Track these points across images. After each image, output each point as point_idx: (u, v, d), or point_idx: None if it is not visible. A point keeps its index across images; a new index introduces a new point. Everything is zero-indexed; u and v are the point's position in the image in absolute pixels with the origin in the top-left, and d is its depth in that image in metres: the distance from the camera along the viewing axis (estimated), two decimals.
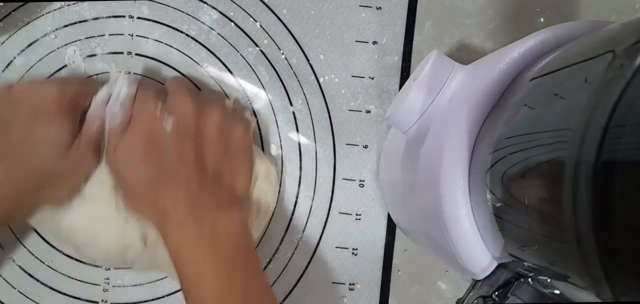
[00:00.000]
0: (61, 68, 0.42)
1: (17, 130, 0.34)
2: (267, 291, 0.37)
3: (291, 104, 0.43)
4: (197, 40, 0.42)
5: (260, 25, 0.42)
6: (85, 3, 0.42)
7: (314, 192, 0.43)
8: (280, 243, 0.43)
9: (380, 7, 0.43)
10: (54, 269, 0.42)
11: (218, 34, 0.42)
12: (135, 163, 0.34)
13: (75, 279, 0.42)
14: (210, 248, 0.34)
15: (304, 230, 0.43)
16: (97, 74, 0.42)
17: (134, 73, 0.42)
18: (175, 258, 0.34)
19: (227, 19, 0.42)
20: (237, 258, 0.35)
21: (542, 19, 0.43)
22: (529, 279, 0.25)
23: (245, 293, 0.34)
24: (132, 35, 0.42)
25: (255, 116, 0.42)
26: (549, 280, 0.23)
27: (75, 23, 0.42)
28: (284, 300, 0.43)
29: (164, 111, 0.35)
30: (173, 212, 0.34)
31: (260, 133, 0.43)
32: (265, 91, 0.43)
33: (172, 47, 0.42)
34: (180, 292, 0.43)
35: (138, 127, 0.35)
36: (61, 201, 0.36)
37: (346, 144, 0.43)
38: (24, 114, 0.34)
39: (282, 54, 0.43)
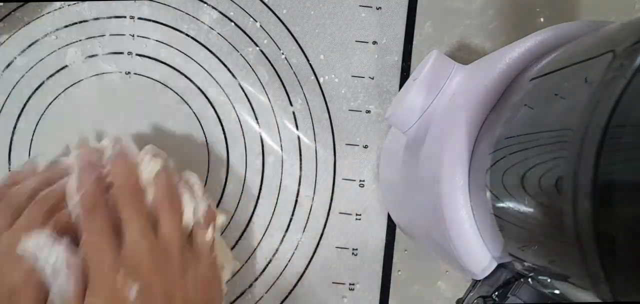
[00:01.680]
0: (62, 68, 0.42)
1: None
2: None
3: (291, 104, 0.43)
4: (197, 40, 0.42)
5: (260, 25, 0.42)
6: (86, 3, 0.42)
7: (314, 192, 0.43)
8: (280, 243, 0.43)
9: (380, 7, 0.43)
10: None
11: (218, 33, 0.42)
12: None
13: None
14: None
15: (304, 230, 0.43)
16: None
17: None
18: None
19: (227, 19, 0.42)
20: None
21: (542, 19, 0.43)
22: (529, 279, 0.25)
23: None
24: (133, 36, 0.42)
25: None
26: (549, 280, 0.23)
27: (76, 23, 0.42)
28: (284, 300, 0.43)
29: (125, 278, 0.30)
30: None
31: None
32: (265, 91, 0.43)
33: (172, 47, 0.42)
34: None
35: (98, 294, 0.30)
36: None
37: (346, 144, 0.43)
38: None
39: (282, 54, 0.43)
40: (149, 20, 0.42)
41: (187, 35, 0.42)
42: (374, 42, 0.43)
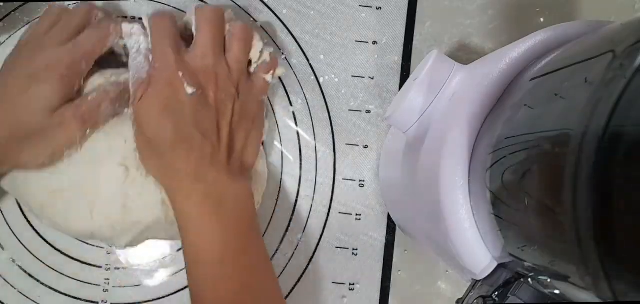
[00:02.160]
0: None
1: (15, 82, 0.35)
2: (264, 259, 0.38)
3: (291, 104, 0.43)
4: None
5: (260, 25, 0.42)
6: (86, 3, 0.42)
7: (314, 192, 0.43)
8: (280, 243, 0.43)
9: (380, 7, 0.43)
10: (54, 269, 0.42)
11: None
12: (153, 121, 0.35)
13: (75, 279, 0.42)
14: (216, 216, 0.35)
15: (304, 230, 0.43)
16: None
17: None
18: (180, 220, 0.35)
19: None
20: (240, 226, 0.36)
21: (542, 19, 0.43)
22: (529, 279, 0.25)
23: (245, 258, 0.36)
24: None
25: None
26: (549, 280, 0.23)
27: None
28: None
29: (185, 77, 0.35)
30: (184, 175, 0.35)
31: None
32: None
33: None
34: (181, 292, 0.43)
35: (159, 85, 0.35)
36: (38, 163, 0.36)
37: (346, 144, 0.43)
38: (24, 72, 0.35)
39: (282, 54, 0.43)
40: None
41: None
42: (374, 42, 0.43)
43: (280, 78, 0.42)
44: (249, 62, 0.39)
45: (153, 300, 0.43)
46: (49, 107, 0.34)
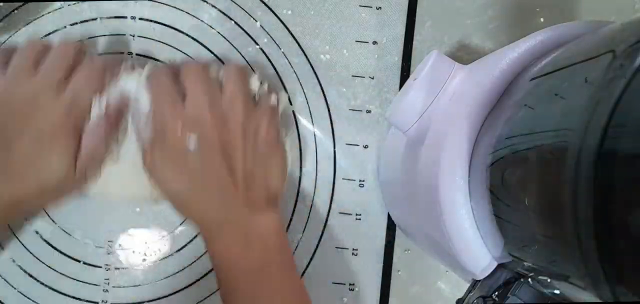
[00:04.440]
0: None
1: (19, 149, 0.33)
2: (299, 290, 0.38)
3: (291, 104, 0.43)
4: (197, 40, 0.42)
5: (260, 25, 0.42)
6: (86, 3, 0.42)
7: (314, 192, 0.43)
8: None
9: (380, 7, 0.43)
10: (54, 269, 0.42)
11: (218, 32, 0.42)
12: (168, 178, 0.35)
13: (75, 279, 0.42)
14: (244, 252, 0.35)
15: (304, 230, 0.43)
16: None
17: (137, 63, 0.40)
18: (213, 262, 0.37)
19: (227, 18, 0.42)
20: (271, 259, 0.36)
21: (542, 19, 0.43)
22: (529, 279, 0.25)
23: (279, 293, 0.36)
24: (134, 36, 0.42)
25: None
26: (549, 280, 0.23)
27: (76, 23, 0.42)
28: None
29: (185, 130, 0.34)
30: (209, 220, 0.36)
31: None
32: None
33: (172, 47, 0.42)
34: (181, 292, 0.43)
35: (164, 143, 0.35)
36: (64, 199, 0.37)
37: (346, 144, 0.43)
38: (27, 135, 0.33)
39: (282, 53, 0.43)
40: (149, 20, 0.42)
41: (187, 35, 0.42)
42: (374, 42, 0.43)
43: (280, 78, 0.43)
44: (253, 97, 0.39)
45: (153, 300, 0.43)
46: (62, 169, 0.34)
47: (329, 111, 0.43)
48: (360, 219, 0.43)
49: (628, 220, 0.17)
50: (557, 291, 0.23)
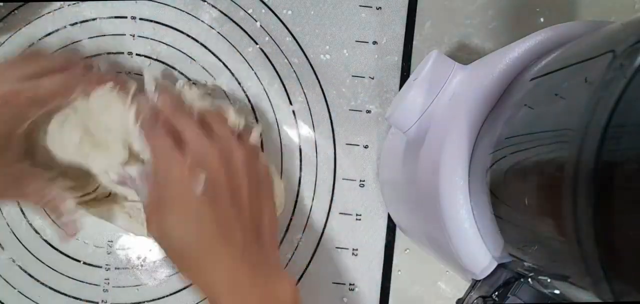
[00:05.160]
0: None
1: None
2: None
3: (291, 104, 0.43)
4: (197, 40, 0.42)
5: (260, 25, 0.42)
6: (86, 3, 0.42)
7: (314, 193, 0.43)
8: (280, 243, 0.43)
9: (380, 7, 0.43)
10: (54, 269, 0.42)
11: (218, 32, 0.42)
12: (177, 232, 0.33)
13: (75, 279, 0.42)
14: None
15: (304, 230, 0.43)
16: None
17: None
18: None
19: (227, 18, 0.42)
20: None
21: (542, 19, 0.43)
22: (529, 279, 0.25)
23: None
24: (133, 36, 0.42)
25: (256, 117, 0.42)
26: (549, 280, 0.23)
27: (76, 23, 0.42)
28: None
29: (192, 171, 0.33)
30: (219, 281, 0.33)
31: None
32: (265, 91, 0.43)
33: (172, 47, 0.42)
34: (180, 293, 0.43)
35: (168, 195, 0.33)
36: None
37: (346, 144, 0.43)
38: None
39: (282, 53, 0.43)
40: (149, 20, 0.42)
41: (187, 35, 0.42)
42: (374, 42, 0.43)
43: (280, 78, 0.43)
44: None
45: (153, 300, 0.43)
46: None
47: (329, 111, 0.43)
48: (360, 219, 0.43)
49: (628, 220, 0.17)
50: (557, 291, 0.23)
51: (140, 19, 0.42)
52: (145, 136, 0.35)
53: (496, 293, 0.26)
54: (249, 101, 0.43)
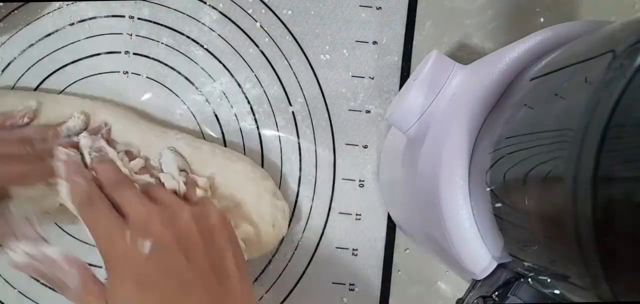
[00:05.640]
0: (61, 68, 0.42)
1: None
2: None
3: (291, 104, 0.43)
4: (196, 41, 0.42)
5: (260, 26, 0.42)
6: (85, 3, 0.42)
7: (314, 193, 0.43)
8: (280, 243, 0.43)
9: (380, 7, 0.43)
10: None
11: (218, 34, 0.42)
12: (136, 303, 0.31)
13: None
14: None
15: (304, 230, 0.43)
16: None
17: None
18: None
19: (227, 19, 0.42)
20: None
21: (542, 19, 0.43)
22: (529, 279, 0.25)
23: None
24: (131, 35, 0.42)
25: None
26: (549, 280, 0.23)
27: (75, 23, 0.42)
28: (284, 300, 0.43)
29: (135, 242, 0.32)
30: None
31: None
32: (265, 91, 0.43)
33: (172, 47, 0.42)
34: None
35: (115, 272, 0.32)
36: None
37: (346, 144, 0.43)
38: None
39: (282, 54, 0.43)
40: (149, 20, 0.42)
41: (187, 36, 0.42)
42: (374, 42, 0.43)
43: (279, 78, 0.43)
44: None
45: None
46: None
47: (328, 111, 0.43)
48: (360, 219, 0.43)
49: (628, 220, 0.17)
50: (557, 291, 0.23)
51: (139, 18, 0.42)
52: (81, 216, 0.34)
53: (496, 293, 0.26)
54: (248, 102, 0.43)
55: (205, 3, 0.42)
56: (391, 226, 0.43)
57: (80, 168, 0.36)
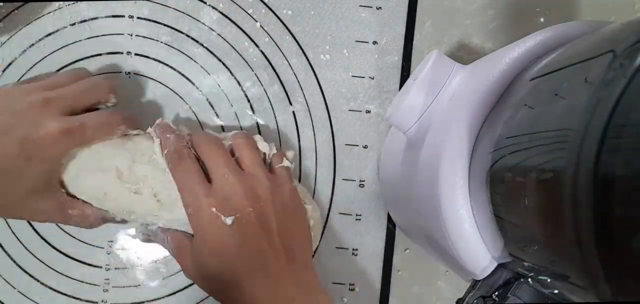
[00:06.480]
0: (61, 68, 0.42)
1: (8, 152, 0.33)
2: None
3: (291, 104, 0.43)
4: (197, 41, 0.42)
5: (260, 26, 0.42)
6: (85, 3, 0.42)
7: (314, 193, 0.43)
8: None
9: (380, 7, 0.43)
10: (54, 269, 0.42)
11: (218, 34, 0.42)
12: (210, 270, 0.34)
13: (75, 279, 0.42)
14: None
15: None
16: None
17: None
18: None
19: (227, 19, 0.42)
20: None
21: (542, 19, 0.43)
22: (529, 279, 0.25)
23: None
24: (131, 35, 0.42)
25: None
26: (549, 280, 0.23)
27: (76, 23, 0.42)
28: None
29: (220, 210, 0.34)
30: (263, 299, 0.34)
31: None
32: (265, 91, 0.43)
33: (172, 47, 0.42)
34: (180, 293, 0.43)
35: (200, 233, 0.34)
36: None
37: (346, 144, 0.43)
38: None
39: (282, 54, 0.43)
40: (149, 20, 0.42)
41: (187, 35, 0.42)
42: (374, 42, 0.43)
43: (280, 78, 0.43)
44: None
45: (153, 300, 0.43)
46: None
47: (328, 111, 0.43)
48: (360, 219, 0.43)
49: (628, 220, 0.17)
50: (557, 291, 0.23)
51: (139, 18, 0.42)
52: (170, 169, 0.35)
53: (496, 293, 0.26)
54: (248, 101, 0.43)
55: (205, 3, 0.42)
56: (391, 226, 0.43)
57: (170, 127, 0.38)
